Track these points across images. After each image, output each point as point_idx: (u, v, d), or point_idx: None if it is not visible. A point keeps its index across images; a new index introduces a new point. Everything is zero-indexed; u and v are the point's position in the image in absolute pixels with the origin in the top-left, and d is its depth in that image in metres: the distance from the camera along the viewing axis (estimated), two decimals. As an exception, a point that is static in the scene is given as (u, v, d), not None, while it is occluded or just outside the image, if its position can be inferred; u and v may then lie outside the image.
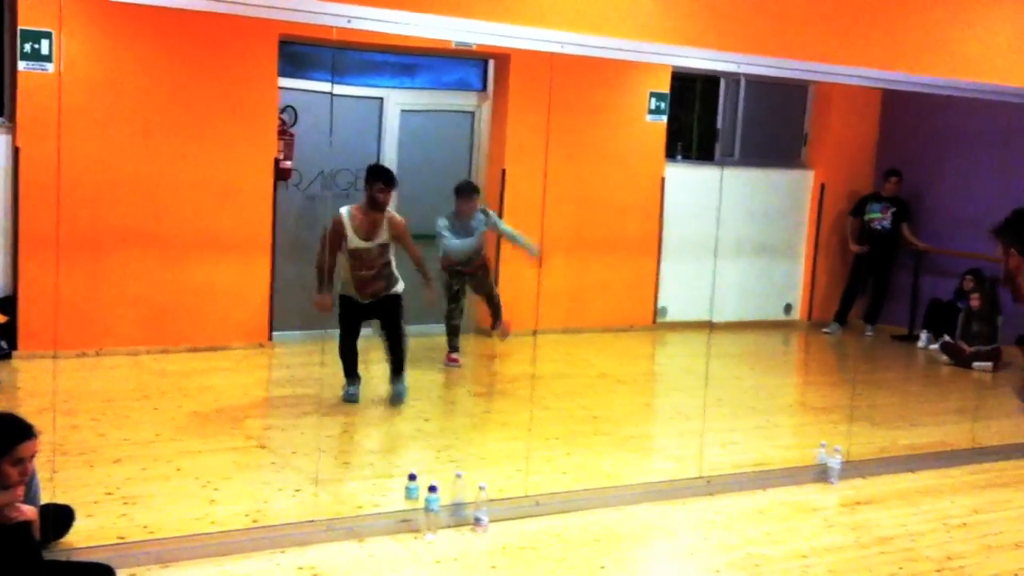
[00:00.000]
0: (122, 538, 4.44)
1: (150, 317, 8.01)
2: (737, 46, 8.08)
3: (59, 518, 4.26)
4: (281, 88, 8.46)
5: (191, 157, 8.06)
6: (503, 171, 9.28)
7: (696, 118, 10.82)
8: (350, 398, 6.85)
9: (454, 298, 8.22)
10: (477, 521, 4.86)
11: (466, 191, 8.10)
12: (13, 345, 7.52)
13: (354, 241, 6.76)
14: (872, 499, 5.68)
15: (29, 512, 3.69)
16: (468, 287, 8.34)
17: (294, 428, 6.32)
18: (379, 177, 6.84)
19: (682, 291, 10.16)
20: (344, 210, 6.87)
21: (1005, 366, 9.36)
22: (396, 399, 6.91)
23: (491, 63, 9.53)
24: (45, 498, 4.21)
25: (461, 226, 8.04)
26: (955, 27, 9.44)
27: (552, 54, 5.58)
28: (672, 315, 10.27)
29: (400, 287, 6.98)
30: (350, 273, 6.86)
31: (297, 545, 4.54)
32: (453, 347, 8.23)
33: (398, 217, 6.99)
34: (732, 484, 5.69)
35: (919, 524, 5.31)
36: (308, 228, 8.73)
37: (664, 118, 10.02)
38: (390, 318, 6.96)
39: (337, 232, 6.79)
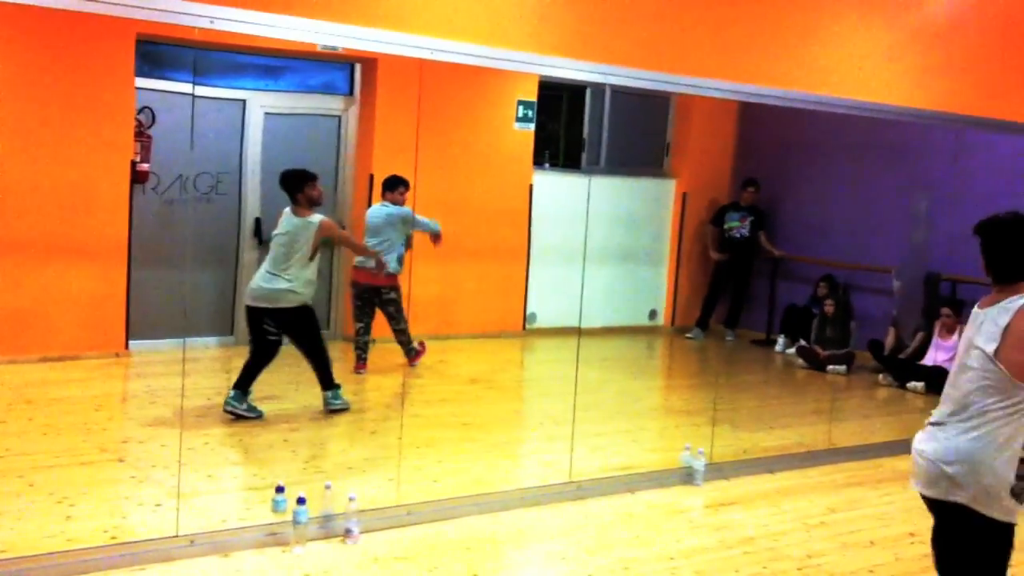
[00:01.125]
0: (-30, 559, 4.21)
1: (-3, 326, 7.62)
2: (603, 57, 8.20)
3: (-102, 541, 4.00)
4: (138, 88, 8.18)
5: (43, 158, 7.72)
6: (371, 176, 9.18)
7: (563, 127, 10.95)
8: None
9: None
10: (348, 532, 4.78)
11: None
12: None
13: None
14: (735, 500, 5.83)
15: None
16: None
17: (153, 440, 6.10)
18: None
19: (551, 297, 10.26)
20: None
21: (857, 369, 9.76)
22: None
23: (358, 67, 9.43)
24: None
25: None
26: (810, 41, 9.79)
27: (421, 60, 5.55)
28: (541, 321, 10.36)
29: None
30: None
31: (159, 561, 4.39)
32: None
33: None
34: (601, 488, 5.77)
35: (780, 524, 5.48)
36: (166, 233, 8.47)
37: (532, 126, 10.10)
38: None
39: None
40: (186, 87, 8.33)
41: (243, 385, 6.59)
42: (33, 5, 4.42)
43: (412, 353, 8.37)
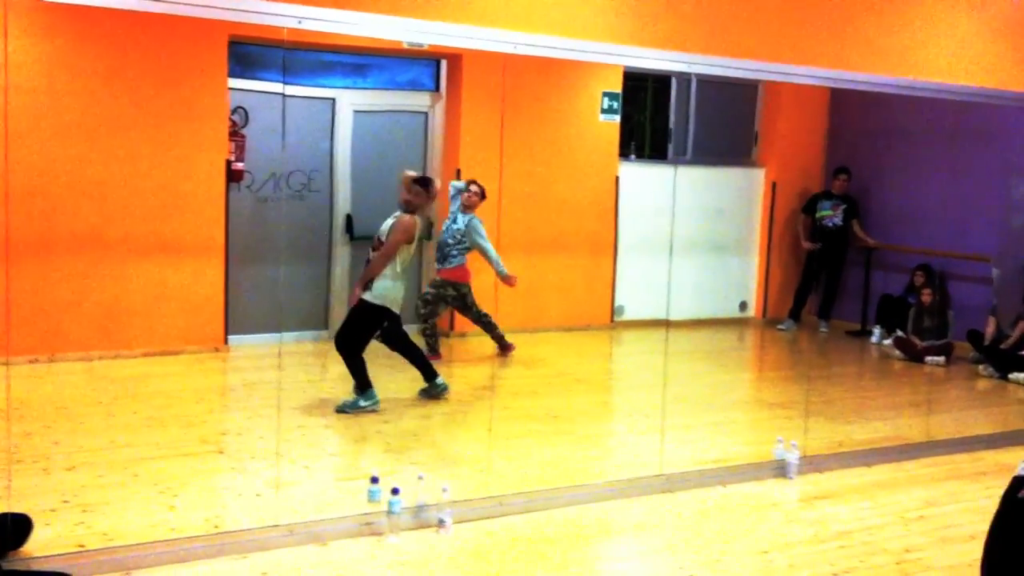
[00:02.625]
0: (81, 546, 4.37)
1: (103, 322, 7.89)
2: (688, 46, 8.16)
3: (17, 528, 4.18)
4: (232, 89, 8.38)
5: (142, 160, 7.96)
6: (458, 171, 9.26)
7: (648, 117, 10.89)
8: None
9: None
10: (440, 522, 4.84)
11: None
12: (-39, 353, 7.37)
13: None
14: (830, 493, 5.75)
15: (-16, 522, 3.62)
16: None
17: (252, 432, 6.25)
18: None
19: (638, 290, 10.22)
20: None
21: (956, 360, 9.53)
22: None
23: (443, 63, 9.51)
24: (1, 507, 4.13)
25: None
26: (903, 26, 9.58)
27: (505, 54, 5.57)
28: (629, 314, 10.33)
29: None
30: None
31: (259, 550, 4.50)
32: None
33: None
34: (692, 480, 5.73)
35: (877, 517, 5.38)
36: (260, 230, 8.67)
37: (617, 118, 10.07)
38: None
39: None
40: (277, 87, 8.52)
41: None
42: (132, 10, 4.57)
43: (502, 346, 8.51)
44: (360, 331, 6.78)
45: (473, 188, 8.33)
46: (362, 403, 6.77)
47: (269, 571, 4.31)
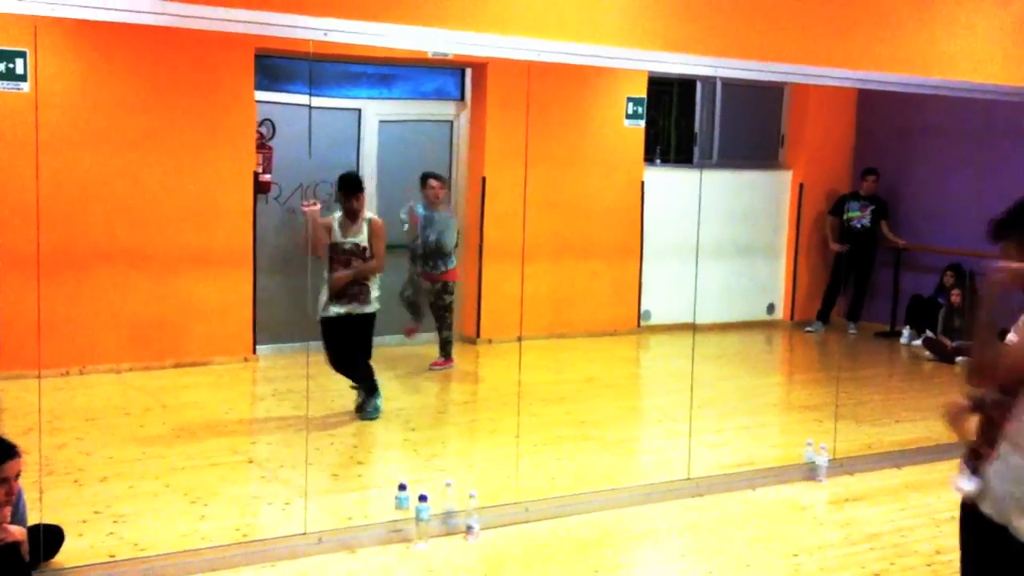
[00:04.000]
0: (112, 556, 4.43)
1: (133, 334, 7.97)
2: (713, 49, 8.14)
3: (49, 538, 4.23)
4: (258, 101, 8.45)
5: (170, 172, 8.04)
6: (483, 179, 9.29)
7: (674, 121, 10.87)
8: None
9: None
10: (468, 529, 4.86)
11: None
12: (-5, 366, 7.47)
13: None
14: (860, 496, 5.71)
15: (17, 533, 3.67)
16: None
17: (281, 441, 6.30)
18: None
19: (665, 294, 10.20)
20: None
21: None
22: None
23: (468, 72, 9.54)
24: (34, 518, 4.19)
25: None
26: (931, 25, 9.52)
27: (529, 62, 5.60)
28: (656, 318, 10.30)
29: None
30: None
31: (288, 558, 4.54)
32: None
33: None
34: (720, 484, 5.72)
35: (908, 519, 5.34)
36: (289, 241, 8.72)
37: (642, 122, 10.06)
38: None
39: None
40: (303, 98, 8.57)
41: None
42: (158, 25, 4.63)
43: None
44: (370, 342, 6.89)
45: (434, 183, 8.33)
46: (380, 403, 6.85)
47: (298, 579, 4.35)
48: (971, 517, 2.97)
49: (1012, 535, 2.82)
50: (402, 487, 5.16)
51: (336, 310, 6.71)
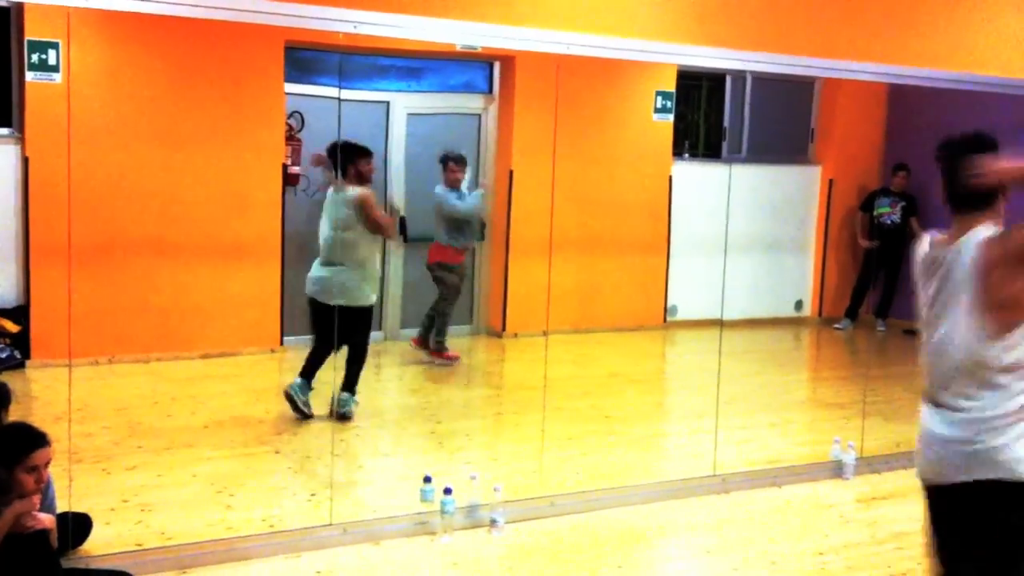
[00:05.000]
0: (140, 545, 4.46)
1: (162, 324, 8.03)
2: (743, 43, 8.08)
3: (77, 526, 4.27)
4: (288, 94, 8.48)
5: (200, 164, 8.09)
6: (511, 172, 9.28)
7: (703, 116, 10.82)
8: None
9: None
10: (493, 522, 4.86)
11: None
12: (26, 354, 7.55)
13: None
14: (887, 494, 5.67)
15: (46, 520, 3.71)
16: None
17: (307, 433, 6.33)
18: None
19: (692, 289, 10.16)
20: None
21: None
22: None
23: (496, 65, 9.54)
24: (62, 507, 4.22)
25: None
26: (962, 20, 9.42)
27: (557, 55, 5.58)
28: (682, 314, 10.27)
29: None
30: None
31: (313, 549, 4.56)
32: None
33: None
34: (746, 481, 5.69)
35: (935, 518, 5.29)
36: (316, 233, 8.73)
37: (671, 117, 10.01)
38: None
39: None
40: (332, 91, 8.58)
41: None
42: (188, 17, 4.65)
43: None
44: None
45: (453, 165, 8.24)
46: (356, 399, 6.69)
47: (324, 570, 4.37)
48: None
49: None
50: (427, 480, 5.18)
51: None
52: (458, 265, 8.28)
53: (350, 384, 6.62)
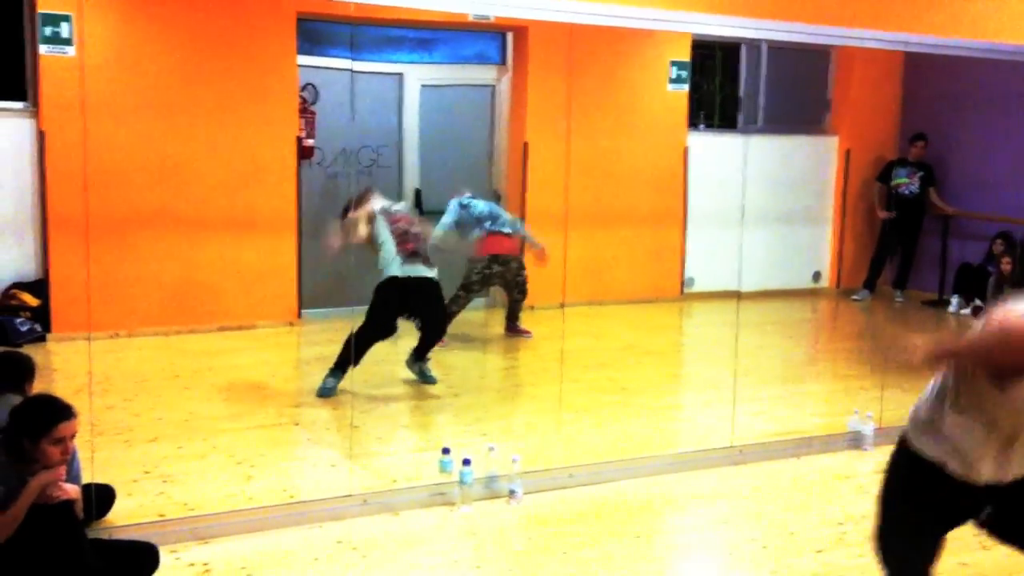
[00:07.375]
0: (162, 515, 4.50)
1: (180, 297, 8.06)
2: (758, 11, 8.01)
3: (101, 497, 4.31)
4: (301, 66, 8.45)
5: (214, 137, 8.09)
6: (525, 144, 9.25)
7: (718, 86, 10.75)
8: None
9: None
10: (511, 493, 4.88)
11: None
12: (47, 328, 7.59)
13: None
14: (906, 464, 5.65)
15: (72, 491, 3.73)
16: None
17: (326, 404, 6.35)
18: None
19: (709, 261, 10.13)
20: None
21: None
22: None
23: (509, 36, 9.48)
24: (85, 478, 4.25)
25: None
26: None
27: (571, 24, 5.54)
28: (699, 285, 10.24)
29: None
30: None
31: (333, 519, 4.58)
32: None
33: None
34: (764, 453, 5.69)
35: (954, 488, 5.28)
36: (331, 206, 8.75)
37: (685, 87, 9.95)
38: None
39: None
40: (345, 63, 8.57)
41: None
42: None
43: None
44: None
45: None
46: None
47: (343, 540, 4.39)
48: None
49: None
50: (446, 451, 5.20)
51: None
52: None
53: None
